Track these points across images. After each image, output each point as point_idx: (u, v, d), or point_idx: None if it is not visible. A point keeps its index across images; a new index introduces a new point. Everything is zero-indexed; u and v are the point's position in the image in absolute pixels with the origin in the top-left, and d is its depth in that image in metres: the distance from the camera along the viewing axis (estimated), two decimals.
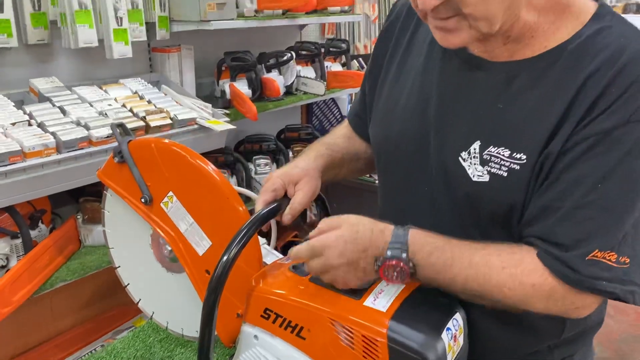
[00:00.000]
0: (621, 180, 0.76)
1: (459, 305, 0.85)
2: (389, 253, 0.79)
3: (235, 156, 2.42)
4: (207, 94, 2.53)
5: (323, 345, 0.81)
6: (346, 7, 2.69)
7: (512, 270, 0.78)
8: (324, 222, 0.86)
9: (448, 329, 0.80)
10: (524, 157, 0.80)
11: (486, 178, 0.82)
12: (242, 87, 2.36)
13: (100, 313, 2.03)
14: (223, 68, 2.41)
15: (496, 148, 0.82)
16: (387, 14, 1.89)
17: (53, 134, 1.66)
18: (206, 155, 2.50)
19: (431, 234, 0.83)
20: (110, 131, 1.78)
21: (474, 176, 0.83)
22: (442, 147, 0.88)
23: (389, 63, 0.99)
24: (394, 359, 0.75)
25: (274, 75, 2.50)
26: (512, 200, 0.81)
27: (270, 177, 0.98)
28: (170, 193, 1.01)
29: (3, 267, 1.72)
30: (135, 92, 2.08)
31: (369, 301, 0.80)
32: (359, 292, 0.82)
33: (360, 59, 3.13)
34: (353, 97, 3.22)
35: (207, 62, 2.50)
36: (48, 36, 1.94)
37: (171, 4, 2.19)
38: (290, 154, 2.67)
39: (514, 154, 0.80)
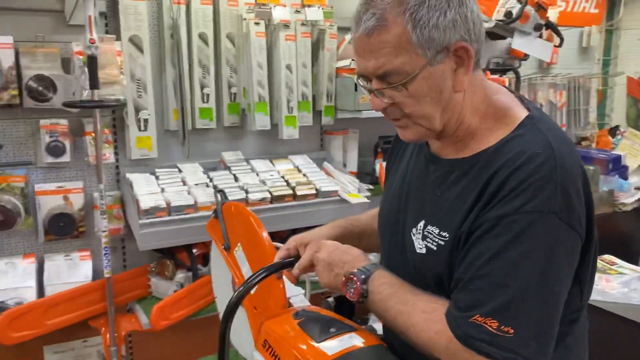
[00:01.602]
0: (508, 259, 0.88)
1: None
2: (354, 271, 1.03)
3: None
4: (369, 171, 2.87)
5: None
6: None
7: (427, 316, 0.94)
8: None
9: None
10: (447, 235, 0.96)
11: (424, 251, 1.00)
12: None
13: None
14: (379, 149, 2.73)
15: (431, 227, 1.00)
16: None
17: None
18: None
19: (396, 276, 1.02)
20: (263, 196, 2.25)
21: (417, 249, 1.02)
22: (404, 224, 1.08)
23: (394, 160, 1.21)
24: None
25: None
26: (440, 270, 0.97)
27: (289, 240, 1.24)
28: (239, 244, 1.35)
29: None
30: (296, 167, 2.53)
31: (326, 345, 1.00)
32: (323, 337, 1.02)
33: None
34: None
35: (370, 143, 2.86)
36: (239, 120, 2.53)
37: (337, 95, 2.63)
38: None
39: (441, 232, 0.98)
